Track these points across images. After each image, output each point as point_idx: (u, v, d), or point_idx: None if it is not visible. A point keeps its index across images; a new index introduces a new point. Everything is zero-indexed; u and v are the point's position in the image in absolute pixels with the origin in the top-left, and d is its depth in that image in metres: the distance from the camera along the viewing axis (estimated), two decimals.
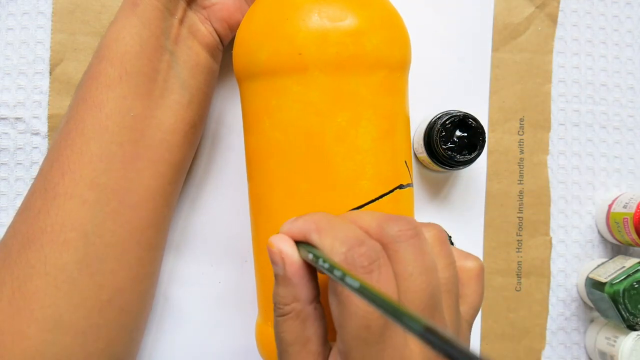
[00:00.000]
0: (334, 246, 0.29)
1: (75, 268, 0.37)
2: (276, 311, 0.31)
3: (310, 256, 0.29)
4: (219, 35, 0.42)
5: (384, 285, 0.28)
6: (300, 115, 0.35)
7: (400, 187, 0.37)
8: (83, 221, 0.37)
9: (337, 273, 0.27)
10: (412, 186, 0.39)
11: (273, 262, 0.31)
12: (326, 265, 0.28)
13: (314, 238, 0.30)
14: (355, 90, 0.35)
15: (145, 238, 0.40)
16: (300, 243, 0.31)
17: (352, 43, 0.34)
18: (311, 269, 0.31)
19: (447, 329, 0.30)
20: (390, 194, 0.36)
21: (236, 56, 0.38)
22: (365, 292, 0.25)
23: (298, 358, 0.30)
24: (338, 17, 0.34)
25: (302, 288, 0.30)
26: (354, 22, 0.35)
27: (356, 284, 0.25)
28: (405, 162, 0.38)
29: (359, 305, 0.28)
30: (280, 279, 0.31)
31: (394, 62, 0.37)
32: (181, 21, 0.40)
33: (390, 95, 0.36)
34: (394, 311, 0.23)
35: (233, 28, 0.42)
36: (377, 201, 0.35)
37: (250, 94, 0.37)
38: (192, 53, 0.41)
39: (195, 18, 0.41)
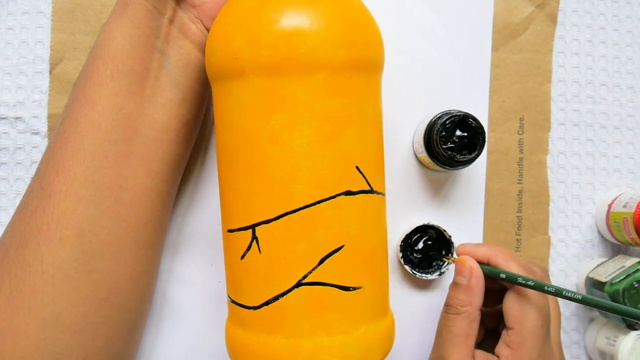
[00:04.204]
0: (518, 269, 0.41)
1: (72, 266, 0.37)
2: (450, 310, 0.41)
3: (501, 274, 0.41)
4: (209, 29, 0.42)
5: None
6: (239, 118, 0.36)
7: (348, 193, 0.35)
8: (78, 219, 0.37)
9: (527, 279, 0.39)
10: (378, 194, 0.37)
11: (461, 274, 0.42)
12: (509, 275, 0.40)
13: (499, 261, 0.41)
14: (289, 93, 0.34)
15: (142, 236, 0.40)
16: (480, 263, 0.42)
17: (285, 45, 0.34)
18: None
19: None
20: (331, 200, 0.35)
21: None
22: (548, 288, 0.39)
23: (460, 346, 0.40)
24: (273, 20, 0.34)
25: (477, 296, 0.41)
26: (288, 24, 0.34)
27: (544, 285, 0.39)
28: (358, 167, 0.36)
29: (540, 308, 0.40)
30: (463, 287, 0.41)
31: (337, 63, 0.34)
32: (171, 20, 0.40)
33: (336, 97, 0.35)
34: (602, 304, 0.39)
35: None
36: (314, 206, 0.35)
37: (213, 98, 0.38)
38: (183, 52, 0.41)
39: (185, 17, 0.41)
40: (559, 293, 0.39)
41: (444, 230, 0.47)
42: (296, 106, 0.34)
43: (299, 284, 0.35)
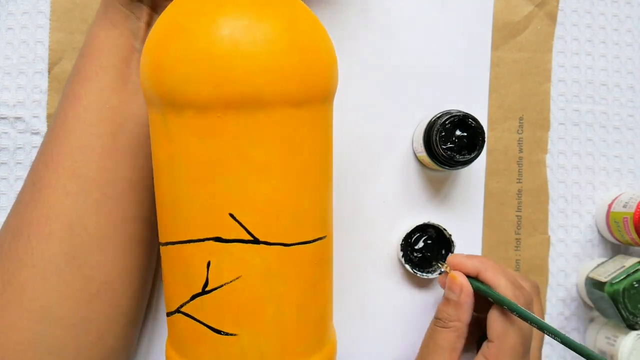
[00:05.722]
0: (506, 285, 0.41)
1: (61, 260, 0.37)
2: (439, 323, 0.42)
3: (488, 295, 0.41)
4: None
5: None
6: (151, 140, 0.36)
7: (219, 240, 0.33)
8: (67, 212, 0.38)
9: (513, 306, 0.39)
10: (274, 245, 0.33)
11: (451, 289, 0.42)
12: (496, 297, 0.40)
13: (489, 276, 0.41)
14: (164, 128, 0.33)
15: (131, 231, 0.40)
16: (468, 277, 0.42)
17: (155, 81, 0.32)
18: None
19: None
20: (199, 242, 0.33)
21: None
22: (532, 319, 0.39)
23: (445, 359, 0.41)
24: (150, 54, 0.33)
25: (466, 312, 0.42)
26: (157, 59, 0.32)
27: (529, 315, 0.39)
28: (232, 215, 0.33)
29: (521, 328, 0.40)
30: (452, 302, 0.42)
31: (202, 102, 0.31)
32: (148, 24, 0.41)
33: (205, 138, 0.32)
34: (551, 329, 0.39)
35: None
36: (185, 244, 0.34)
37: None
38: None
39: None
40: (540, 328, 0.39)
41: (444, 229, 0.47)
42: (171, 142, 0.33)
43: (177, 310, 0.35)
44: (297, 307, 0.35)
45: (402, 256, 0.47)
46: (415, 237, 0.47)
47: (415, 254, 0.48)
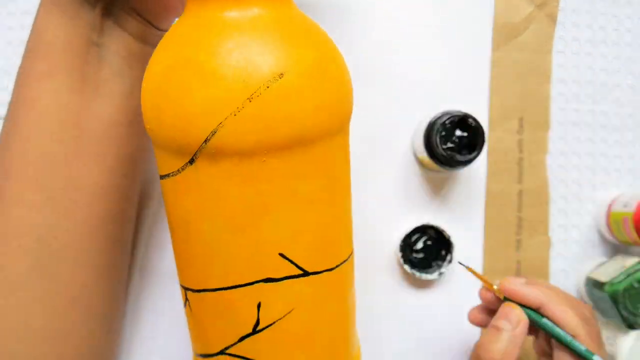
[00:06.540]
0: (577, 324, 0.37)
1: (33, 274, 0.35)
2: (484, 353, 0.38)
3: (544, 323, 0.38)
4: (149, 20, 0.39)
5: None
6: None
7: (269, 280, 0.32)
8: (34, 225, 0.35)
9: (581, 347, 0.37)
10: (320, 273, 0.33)
11: (508, 320, 0.38)
12: (566, 341, 0.37)
13: (556, 311, 0.37)
14: (194, 178, 0.31)
15: (104, 233, 0.38)
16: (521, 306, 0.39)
17: (183, 128, 0.29)
18: None
19: None
20: (249, 286, 0.32)
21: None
22: None
23: None
24: (174, 96, 0.29)
25: (518, 347, 0.37)
26: (187, 104, 0.29)
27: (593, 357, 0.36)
28: (282, 254, 0.32)
29: None
30: (505, 334, 0.37)
31: (244, 149, 0.29)
32: (104, 13, 0.37)
33: (249, 185, 0.30)
34: None
35: (168, 9, 0.39)
36: (230, 290, 0.32)
37: None
38: (120, 42, 0.38)
39: (118, 8, 0.37)
40: None
41: (443, 231, 0.47)
42: (204, 191, 0.30)
43: (222, 352, 0.34)
44: (344, 325, 0.36)
45: (402, 257, 0.47)
46: (414, 237, 0.48)
47: (414, 255, 0.48)
